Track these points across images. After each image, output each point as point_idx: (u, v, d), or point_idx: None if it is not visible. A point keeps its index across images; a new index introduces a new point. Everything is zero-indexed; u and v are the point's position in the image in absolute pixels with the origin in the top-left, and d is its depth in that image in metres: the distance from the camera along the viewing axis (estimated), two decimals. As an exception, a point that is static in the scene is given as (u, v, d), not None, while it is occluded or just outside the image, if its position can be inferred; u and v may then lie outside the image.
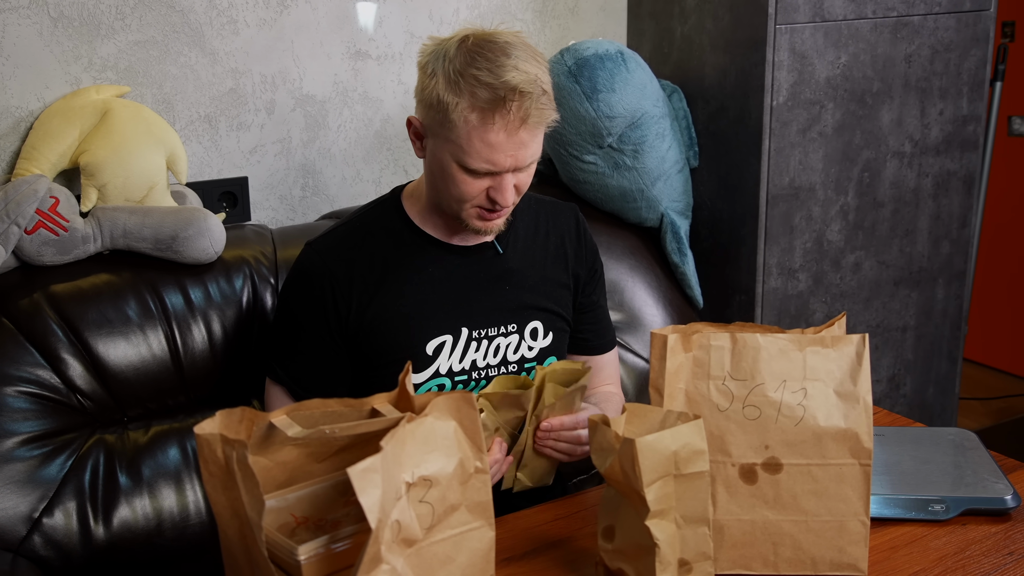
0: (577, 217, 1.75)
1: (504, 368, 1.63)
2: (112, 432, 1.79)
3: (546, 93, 1.46)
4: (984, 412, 3.89)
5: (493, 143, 1.44)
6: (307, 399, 1.51)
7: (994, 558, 1.32)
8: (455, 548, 1.10)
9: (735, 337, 1.26)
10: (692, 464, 1.12)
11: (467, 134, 1.44)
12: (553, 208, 1.74)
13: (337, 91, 2.32)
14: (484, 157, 1.45)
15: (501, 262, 1.65)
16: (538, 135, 1.48)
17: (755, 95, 2.35)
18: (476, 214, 1.53)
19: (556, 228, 1.71)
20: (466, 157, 1.46)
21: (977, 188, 2.73)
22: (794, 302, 2.49)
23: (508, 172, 1.48)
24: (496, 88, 1.41)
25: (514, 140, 1.45)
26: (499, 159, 1.46)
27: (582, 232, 1.74)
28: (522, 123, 1.44)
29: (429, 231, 1.62)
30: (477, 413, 1.10)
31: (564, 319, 1.70)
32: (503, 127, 1.43)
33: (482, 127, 1.43)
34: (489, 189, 1.50)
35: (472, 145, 1.45)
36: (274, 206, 2.30)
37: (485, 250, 1.64)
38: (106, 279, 1.83)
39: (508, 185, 1.49)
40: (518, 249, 1.67)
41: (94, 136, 1.92)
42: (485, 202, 1.51)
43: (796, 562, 1.28)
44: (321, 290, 1.57)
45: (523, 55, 1.46)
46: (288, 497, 1.13)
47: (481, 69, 1.42)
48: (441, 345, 1.59)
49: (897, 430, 1.65)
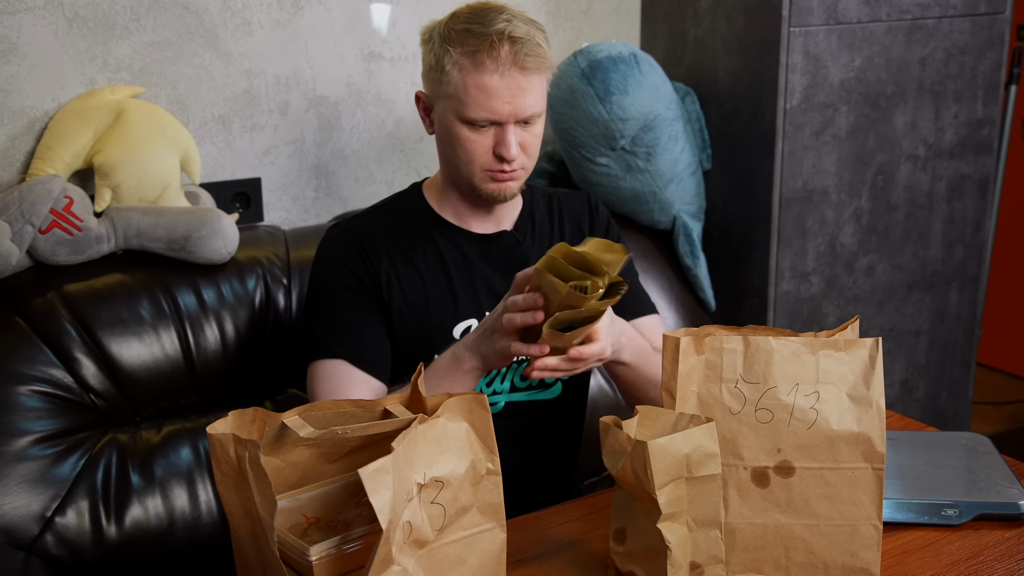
0: (589, 199, 1.76)
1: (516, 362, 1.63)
2: (125, 431, 1.80)
3: (540, 46, 1.49)
4: (997, 417, 3.87)
5: (488, 87, 1.47)
6: (366, 367, 1.54)
7: (1008, 563, 1.31)
8: (466, 550, 1.10)
9: (747, 340, 1.26)
10: (704, 467, 1.12)
11: (462, 81, 1.48)
12: (567, 196, 1.76)
13: (350, 92, 2.32)
14: (481, 104, 1.48)
15: (520, 250, 1.66)
16: (535, 82, 1.50)
17: (768, 98, 2.34)
18: (487, 177, 1.55)
19: (571, 212, 1.73)
20: (465, 109, 1.49)
21: (991, 192, 2.72)
22: (807, 305, 2.49)
23: (509, 124, 1.50)
24: (486, 34, 1.46)
25: (509, 83, 1.47)
26: (496, 105, 1.48)
27: (595, 210, 1.75)
28: (514, 65, 1.47)
29: (449, 218, 1.64)
30: (489, 414, 1.10)
31: None
32: (495, 69, 1.46)
33: (475, 71, 1.47)
34: (495, 146, 1.51)
35: (468, 93, 1.48)
36: (287, 207, 2.30)
37: (505, 238, 1.66)
38: (119, 279, 1.84)
39: (511, 138, 1.51)
40: (536, 237, 1.68)
41: (108, 136, 1.92)
42: (492, 160, 1.53)
43: (808, 566, 1.27)
44: (351, 260, 1.58)
45: (516, 16, 1.50)
46: (300, 497, 1.13)
47: (472, 23, 1.49)
48: (468, 328, 1.61)
49: (910, 434, 1.64)
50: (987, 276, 2.91)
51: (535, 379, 1.47)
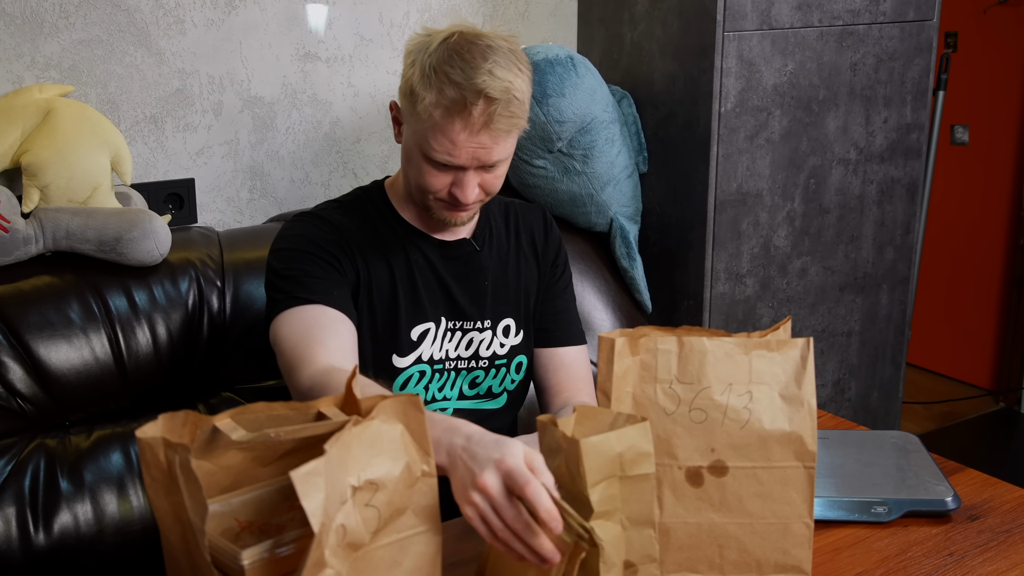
0: (545, 215, 1.77)
1: (475, 363, 1.64)
2: (53, 437, 1.76)
3: (518, 101, 1.46)
4: (927, 416, 3.95)
5: (454, 140, 1.45)
6: (342, 311, 1.48)
7: (935, 559, 1.34)
8: (401, 552, 1.09)
9: (682, 341, 1.27)
10: (638, 466, 1.12)
11: (431, 123, 1.46)
12: (523, 209, 1.76)
13: (286, 93, 2.30)
14: (445, 150, 1.46)
15: (478, 258, 1.66)
16: (503, 140, 1.49)
17: (703, 101, 2.36)
18: (441, 206, 1.55)
19: (527, 227, 1.73)
20: (429, 149, 1.47)
21: (921, 195, 2.77)
22: (741, 307, 2.52)
23: (471, 169, 1.49)
24: (464, 89, 1.42)
25: (475, 141, 1.46)
26: (459, 155, 1.47)
27: (549, 229, 1.76)
28: (484, 127, 1.44)
29: (410, 220, 1.64)
30: (424, 416, 1.09)
31: (534, 317, 1.72)
32: (464, 128, 1.44)
33: (444, 124, 1.45)
34: (452, 185, 1.51)
35: (435, 136, 1.46)
36: (221, 208, 2.28)
37: (464, 245, 1.66)
38: (48, 281, 1.80)
39: (470, 182, 1.50)
40: (494, 247, 1.69)
41: (37, 136, 1.89)
42: (447, 197, 1.53)
43: (741, 564, 1.28)
44: (327, 237, 1.55)
45: (503, 61, 1.45)
46: (232, 501, 1.12)
47: (454, 68, 1.43)
48: (425, 332, 1.61)
49: (841, 433, 1.67)
50: (916, 278, 2.97)
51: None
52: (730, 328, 2.50)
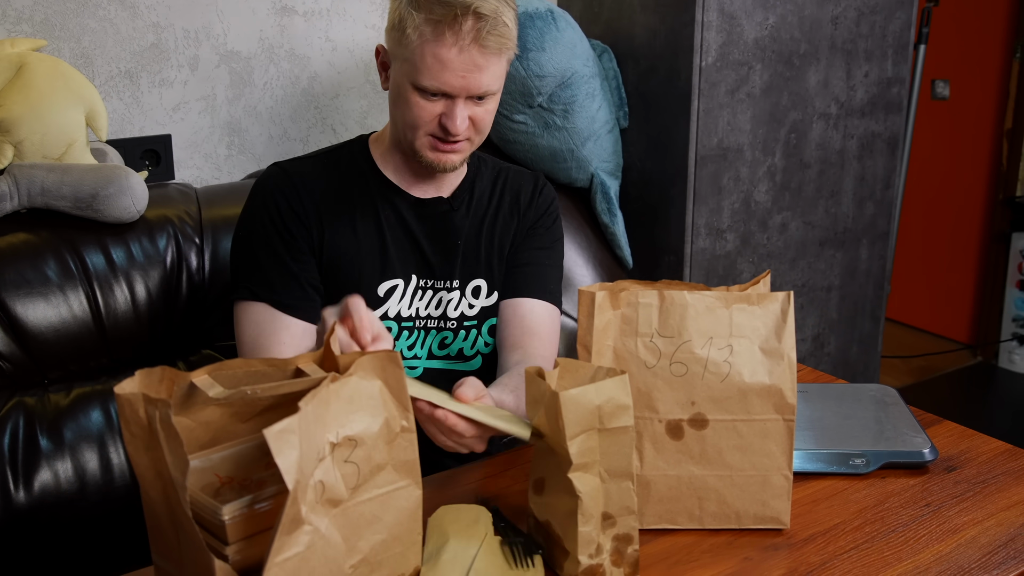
0: (537, 180, 1.74)
1: (444, 323, 1.63)
2: (32, 395, 1.75)
3: (505, 25, 1.47)
4: (906, 370, 3.99)
5: (444, 59, 1.45)
6: (291, 311, 1.53)
7: (912, 509, 1.35)
8: (382, 507, 1.09)
9: (663, 294, 1.27)
10: (616, 419, 1.13)
11: (420, 48, 1.45)
12: (517, 173, 1.74)
13: (263, 48, 2.28)
14: (435, 74, 1.46)
15: (452, 218, 1.65)
16: (493, 63, 1.48)
17: (684, 55, 2.35)
18: (429, 144, 1.54)
19: (512, 189, 1.71)
20: (418, 75, 1.47)
21: (901, 150, 2.77)
22: (722, 262, 2.52)
23: (460, 98, 1.49)
24: (453, 5, 1.43)
25: (465, 59, 1.45)
26: (449, 78, 1.46)
27: (537, 194, 1.72)
28: (474, 42, 1.44)
29: (390, 176, 1.63)
30: (403, 372, 1.09)
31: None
32: (454, 43, 1.44)
33: (434, 41, 1.44)
34: (441, 116, 1.50)
35: (424, 60, 1.46)
36: (199, 164, 2.25)
37: (439, 204, 1.65)
38: (24, 238, 1.79)
39: (460, 112, 1.49)
40: (472, 208, 1.67)
41: (9, 91, 1.86)
42: (437, 129, 1.52)
43: (721, 516, 1.29)
44: (284, 201, 1.57)
45: None
46: (212, 457, 1.11)
47: None
48: (393, 288, 1.60)
49: (820, 387, 1.68)
50: (896, 233, 2.98)
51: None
52: (711, 283, 2.50)
